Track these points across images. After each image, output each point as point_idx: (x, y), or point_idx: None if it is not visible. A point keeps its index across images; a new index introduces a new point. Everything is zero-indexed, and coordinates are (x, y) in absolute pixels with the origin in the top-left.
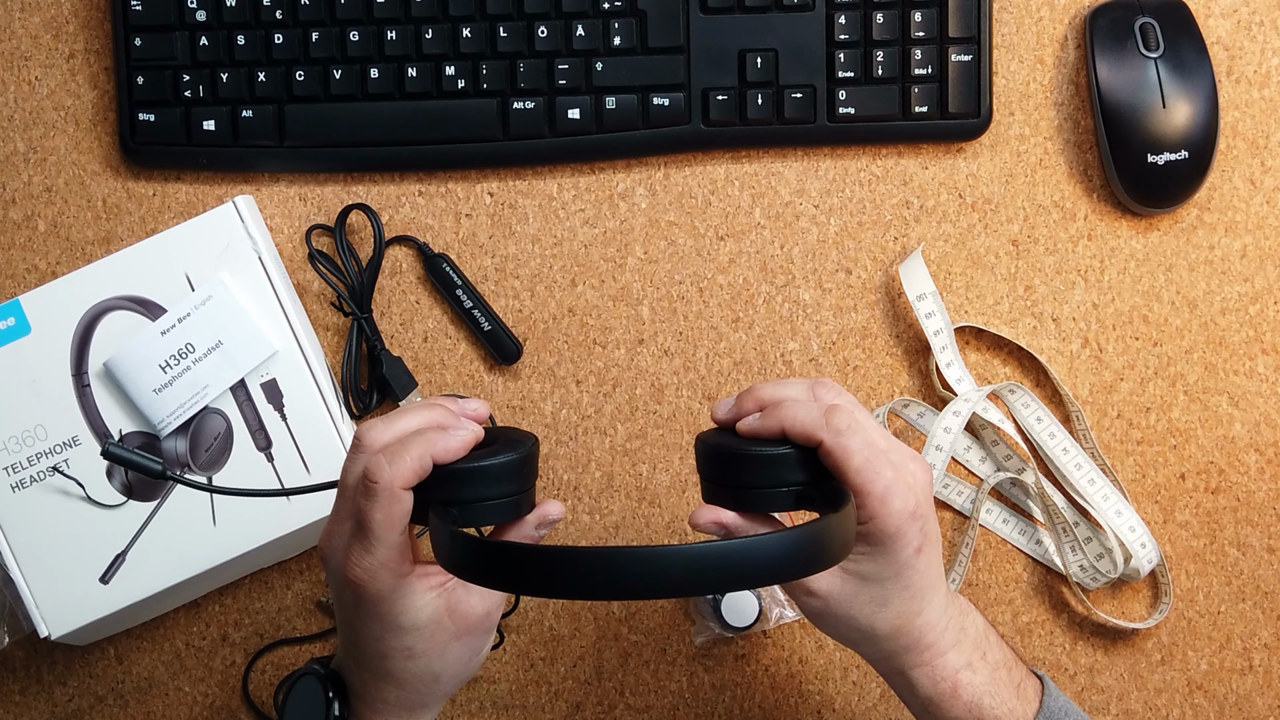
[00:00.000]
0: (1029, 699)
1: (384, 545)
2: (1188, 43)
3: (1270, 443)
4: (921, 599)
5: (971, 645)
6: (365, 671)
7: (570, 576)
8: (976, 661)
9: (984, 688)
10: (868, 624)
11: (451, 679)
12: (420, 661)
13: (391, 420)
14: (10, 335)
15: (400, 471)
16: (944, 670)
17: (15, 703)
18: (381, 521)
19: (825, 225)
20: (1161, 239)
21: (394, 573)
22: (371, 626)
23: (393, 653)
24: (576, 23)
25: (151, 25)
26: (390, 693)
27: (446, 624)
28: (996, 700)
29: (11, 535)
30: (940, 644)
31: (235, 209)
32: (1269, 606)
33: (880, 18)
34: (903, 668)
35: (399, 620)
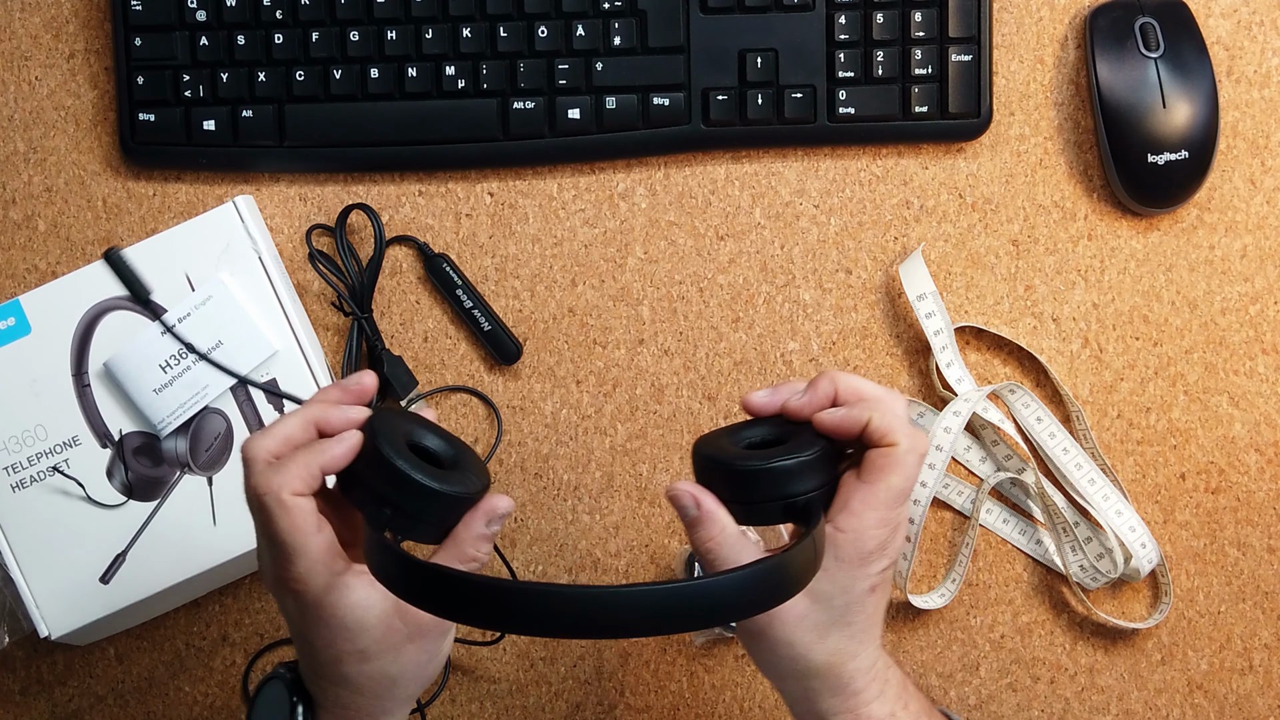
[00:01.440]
0: None
1: (302, 552)
2: (1188, 43)
3: (1270, 443)
4: (860, 642)
5: (894, 696)
6: (323, 679)
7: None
8: (899, 712)
9: None
10: (804, 654)
11: (410, 681)
12: (375, 664)
13: (272, 428)
14: (10, 335)
15: (287, 481)
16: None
17: (15, 703)
18: (289, 530)
19: (825, 225)
20: (1161, 239)
21: (327, 571)
22: (320, 632)
23: (346, 657)
24: (576, 23)
25: (151, 25)
26: (349, 698)
27: (398, 625)
28: None
29: (11, 535)
30: (867, 693)
31: (235, 209)
32: (1269, 606)
33: (880, 18)
34: (826, 712)
35: (344, 620)
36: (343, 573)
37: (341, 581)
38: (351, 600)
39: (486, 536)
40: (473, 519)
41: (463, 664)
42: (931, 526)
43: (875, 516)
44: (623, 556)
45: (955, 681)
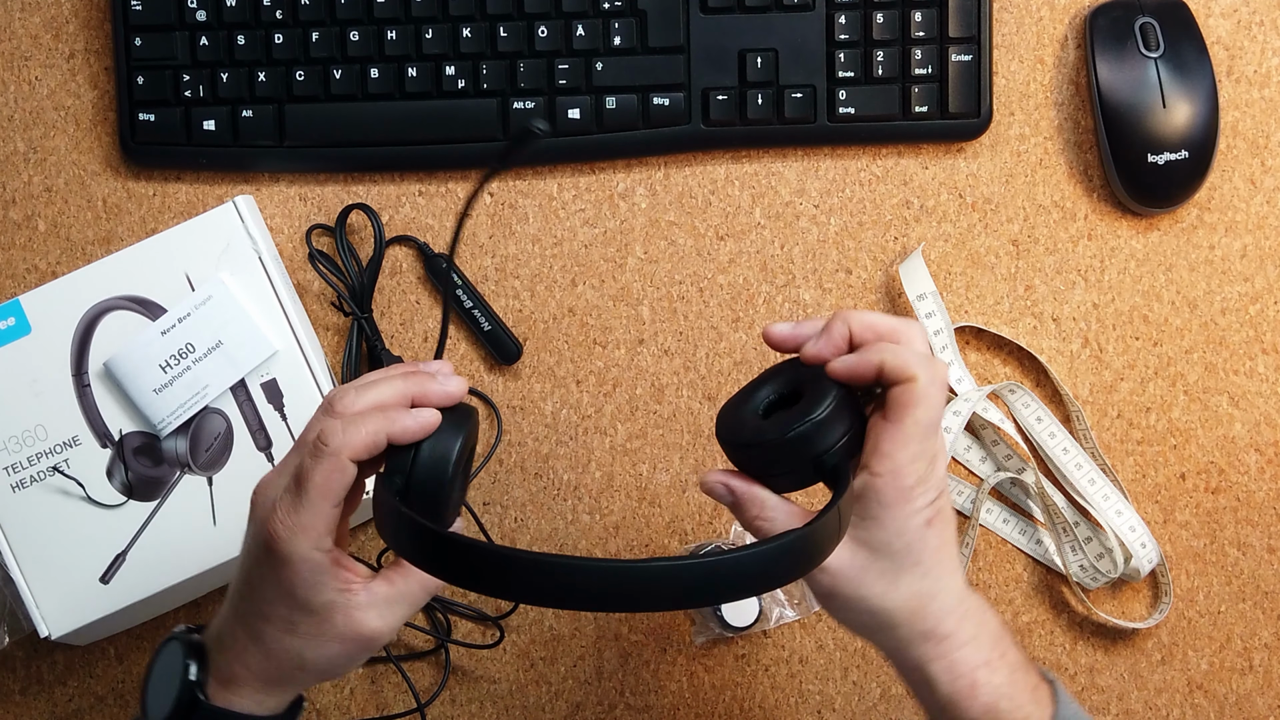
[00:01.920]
0: (1043, 704)
1: (314, 509)
2: (1188, 42)
3: (1270, 442)
4: (935, 580)
5: (990, 643)
6: (241, 627)
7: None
8: (995, 660)
9: (1002, 689)
10: (881, 605)
11: (314, 672)
12: (295, 641)
13: (364, 390)
14: (10, 335)
15: (352, 441)
16: (962, 666)
17: (15, 703)
18: (319, 485)
19: (825, 225)
20: (1161, 239)
21: (312, 543)
22: (268, 587)
23: (275, 619)
24: (576, 23)
25: (151, 25)
26: (254, 660)
27: (337, 623)
28: (1013, 704)
29: (11, 535)
30: (958, 635)
31: (235, 209)
32: (1269, 606)
33: (880, 18)
34: (920, 660)
35: (295, 591)
36: (325, 551)
37: (317, 559)
38: (313, 579)
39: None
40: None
41: (463, 664)
42: None
43: (907, 454)
44: (623, 556)
45: None
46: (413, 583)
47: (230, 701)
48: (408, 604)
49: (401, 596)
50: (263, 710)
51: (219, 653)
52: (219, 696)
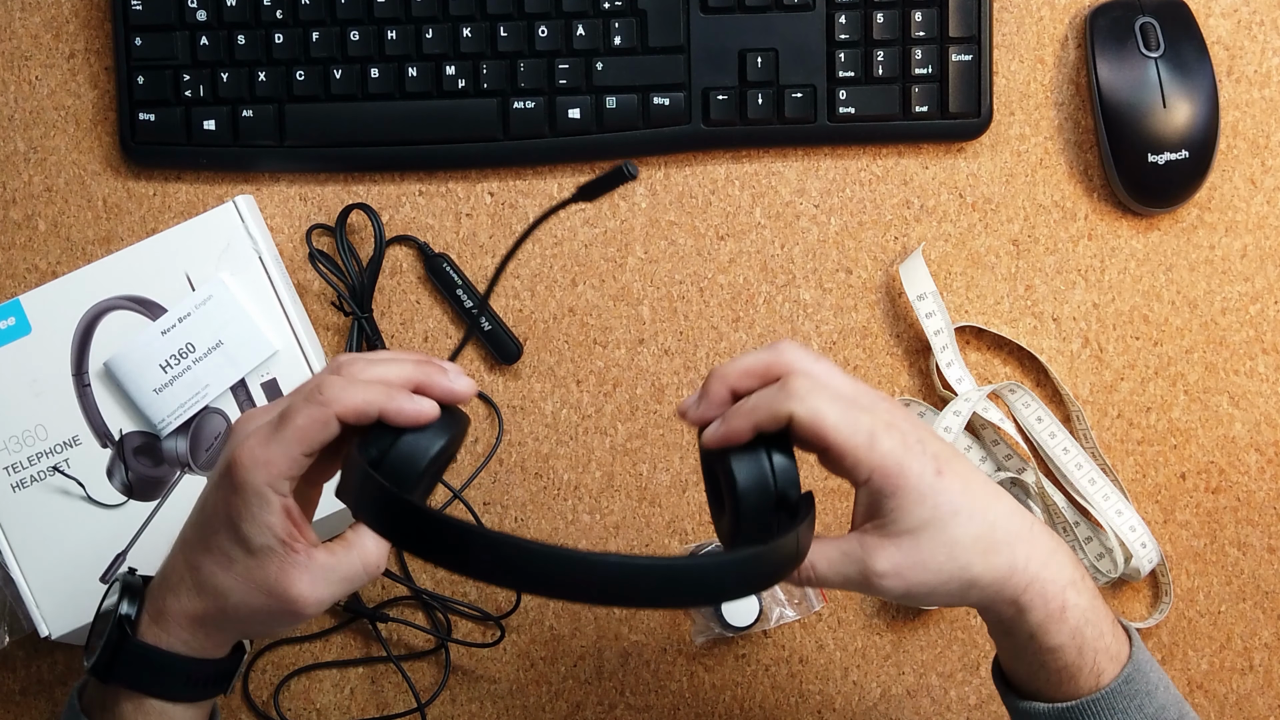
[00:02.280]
0: (1122, 640)
1: (283, 447)
2: (1188, 42)
3: (1270, 442)
4: (984, 513)
5: (1070, 560)
6: (181, 558)
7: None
8: (1079, 581)
9: (1087, 613)
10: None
11: (235, 620)
12: (226, 578)
13: (374, 361)
14: (10, 335)
15: (346, 399)
16: (1053, 587)
17: (15, 703)
18: (300, 426)
19: (825, 225)
20: (1162, 239)
21: (270, 479)
22: (215, 517)
23: (214, 550)
24: (577, 22)
25: (152, 25)
26: (185, 594)
27: (269, 573)
28: (1096, 631)
29: (11, 535)
30: (1037, 555)
31: (235, 209)
32: (1269, 606)
33: (880, 17)
34: (1015, 592)
35: (238, 523)
36: (280, 495)
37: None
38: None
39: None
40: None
41: (463, 664)
42: None
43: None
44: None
45: (955, 681)
46: (354, 559)
47: (158, 638)
48: (343, 580)
49: (339, 571)
50: (189, 650)
51: (157, 589)
52: (149, 633)
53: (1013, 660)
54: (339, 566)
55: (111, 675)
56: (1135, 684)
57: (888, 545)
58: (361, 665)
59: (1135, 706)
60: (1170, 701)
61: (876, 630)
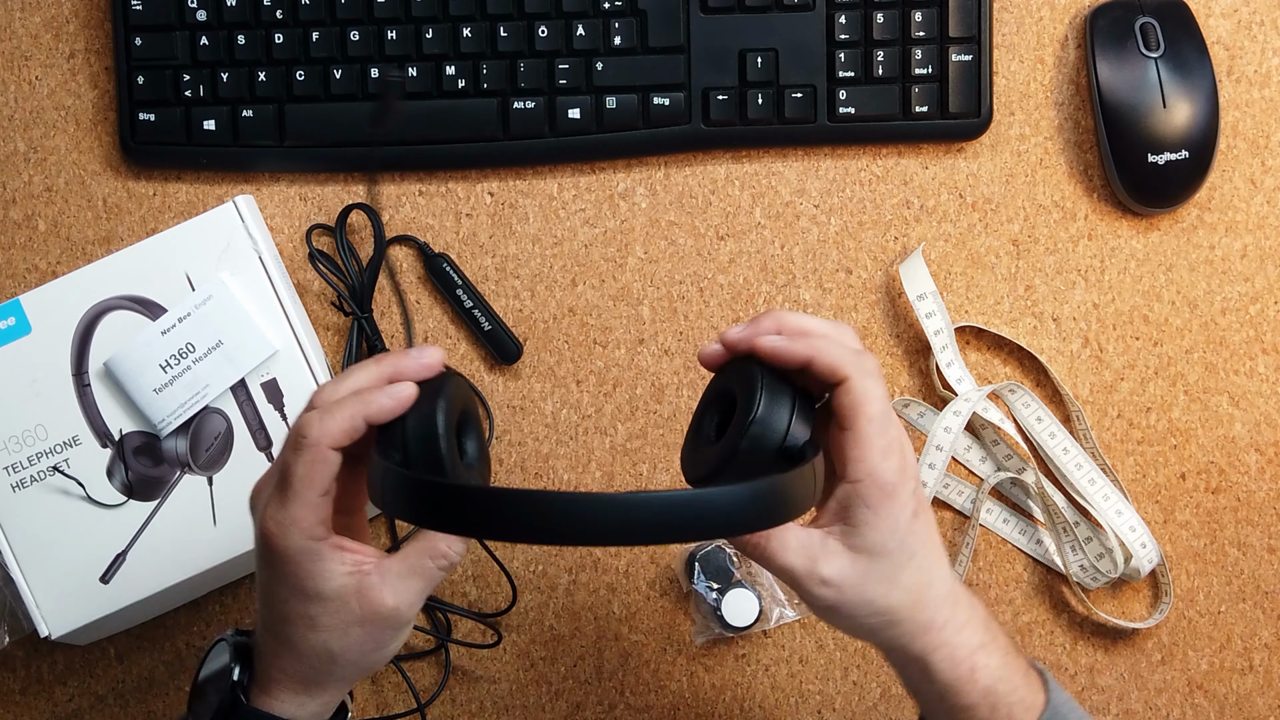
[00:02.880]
0: (1035, 689)
1: (300, 501)
2: (1188, 42)
3: (1270, 442)
4: (930, 570)
5: (983, 625)
6: (269, 634)
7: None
8: (990, 643)
9: (998, 672)
10: (885, 604)
11: (350, 665)
12: (320, 635)
13: (341, 380)
14: (10, 335)
15: (329, 430)
16: (961, 651)
17: (15, 703)
18: (302, 477)
19: (825, 225)
20: (1162, 239)
21: (306, 532)
22: (279, 587)
23: (295, 618)
24: (577, 22)
25: (151, 25)
26: (288, 661)
27: (353, 605)
28: (1009, 686)
29: (11, 535)
30: (954, 621)
31: (235, 209)
32: (1269, 606)
33: (880, 17)
34: (923, 651)
35: (303, 584)
36: (319, 539)
37: (315, 546)
38: (316, 567)
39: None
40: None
41: (463, 664)
42: None
43: (876, 452)
44: (622, 556)
45: None
46: (423, 554)
47: (271, 705)
48: (422, 578)
49: (414, 570)
50: (304, 714)
51: (259, 658)
52: (260, 700)
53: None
54: (412, 566)
55: None
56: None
57: (844, 556)
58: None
59: None
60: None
61: None
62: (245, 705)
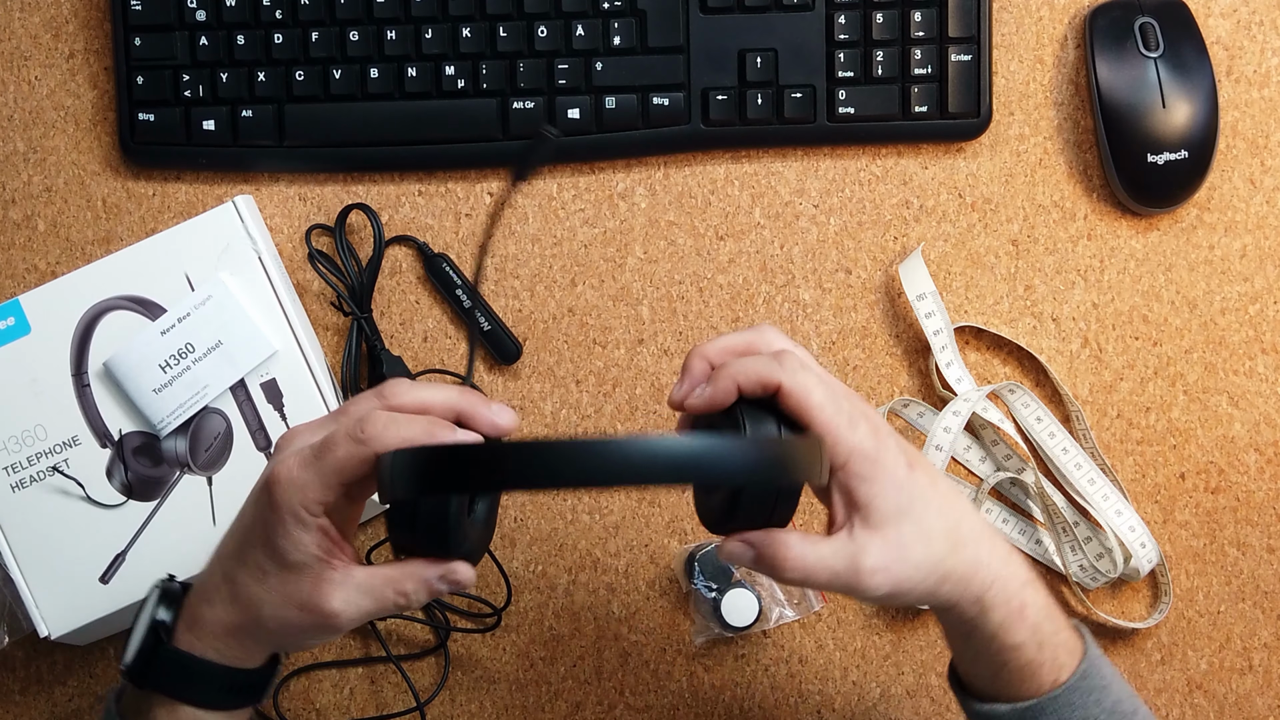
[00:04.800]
0: (1073, 632)
1: (321, 477)
2: (1188, 42)
3: (1270, 442)
4: (952, 509)
5: (1024, 560)
6: (218, 567)
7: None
8: (1035, 580)
9: (1044, 610)
10: (931, 559)
11: (267, 632)
12: (259, 590)
13: (421, 390)
14: (10, 335)
15: (387, 439)
16: (1013, 584)
17: (15, 703)
18: (339, 460)
19: (825, 225)
20: (1161, 239)
21: (307, 503)
22: (254, 528)
23: (250, 563)
24: (576, 23)
25: (151, 25)
26: (219, 603)
27: (304, 588)
28: (1054, 626)
29: (11, 535)
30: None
31: (235, 209)
32: (1269, 606)
33: (880, 18)
34: (980, 589)
35: (275, 540)
36: (315, 515)
37: (304, 516)
38: (294, 533)
39: (429, 588)
40: (432, 564)
41: (463, 663)
42: None
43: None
44: (622, 556)
45: None
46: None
47: (192, 645)
48: (377, 602)
49: (373, 591)
50: (223, 659)
51: (194, 598)
52: (183, 640)
53: (972, 663)
54: (375, 585)
55: (146, 680)
56: (1092, 678)
57: (875, 539)
58: (360, 665)
59: (1093, 701)
60: (1125, 695)
61: (876, 630)
62: (166, 644)
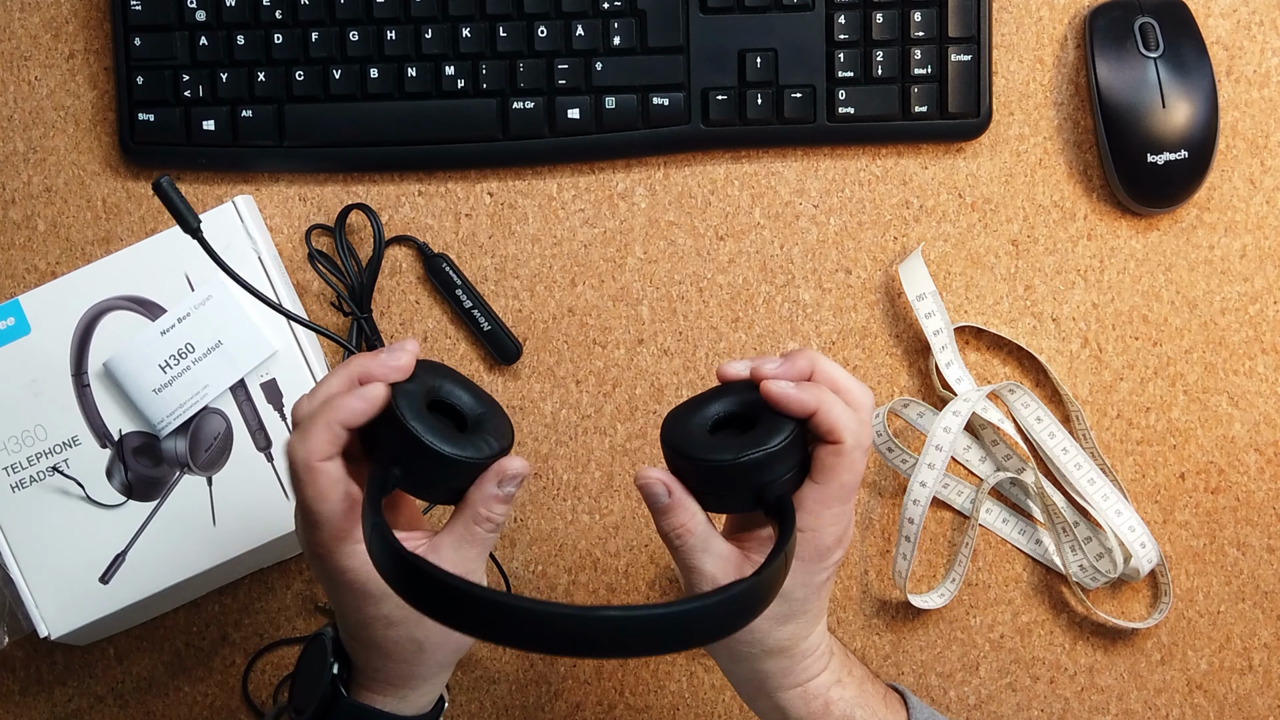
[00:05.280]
0: (895, 708)
1: (325, 518)
2: (1187, 42)
3: (1270, 442)
4: (814, 624)
5: (839, 663)
6: (355, 642)
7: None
8: (845, 677)
9: (854, 701)
10: (761, 641)
11: (438, 648)
12: (400, 630)
13: (314, 390)
14: (10, 335)
15: (311, 447)
16: (816, 689)
17: (15, 703)
18: (313, 497)
19: (825, 225)
20: (1161, 239)
21: (343, 537)
22: (346, 596)
23: (371, 621)
24: (576, 23)
25: (151, 25)
26: (379, 662)
27: None
28: (867, 711)
29: (11, 535)
30: (814, 666)
31: (235, 209)
32: (1269, 606)
33: (880, 18)
34: (775, 689)
35: (366, 587)
36: (358, 540)
37: (355, 549)
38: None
39: (499, 498)
40: (484, 481)
41: (462, 663)
42: (931, 526)
43: (830, 514)
44: (622, 556)
45: (955, 681)
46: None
47: (373, 700)
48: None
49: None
50: (406, 708)
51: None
52: (362, 694)
53: None
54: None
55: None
56: None
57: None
58: None
59: None
60: None
61: (876, 630)
62: (345, 697)
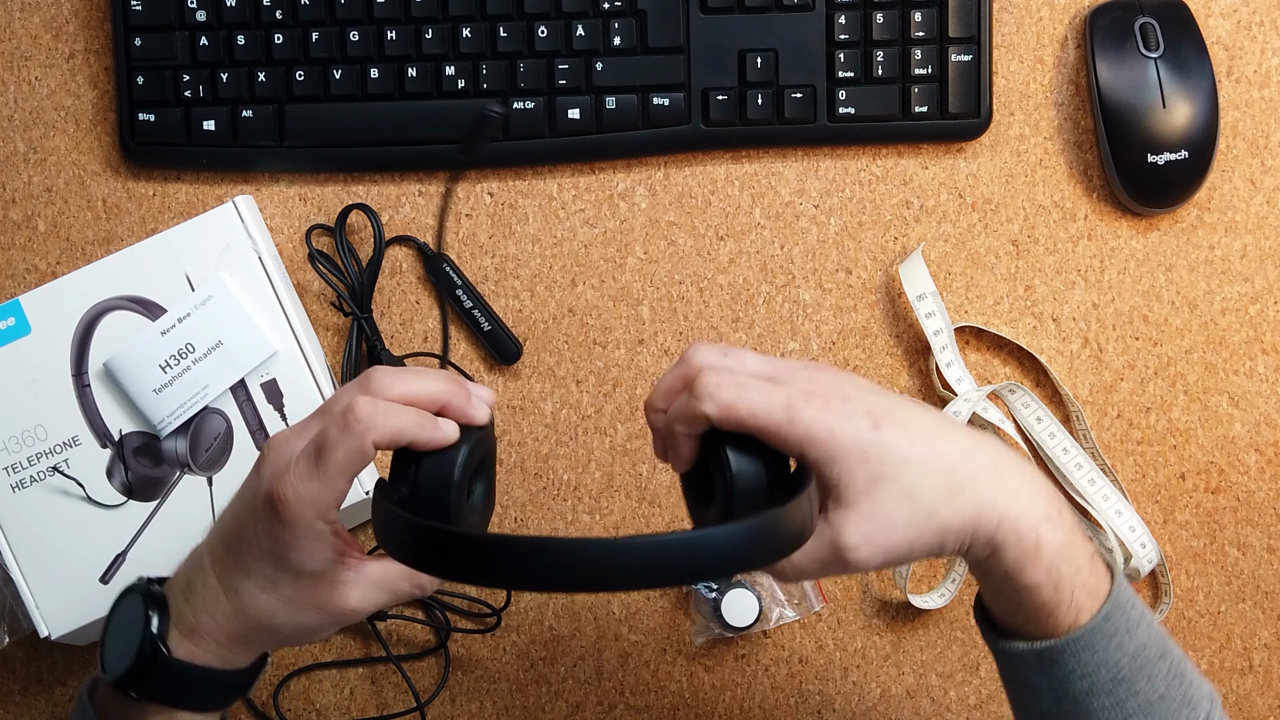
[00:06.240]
0: (1101, 576)
1: (328, 482)
2: (1188, 42)
3: (1270, 443)
4: (935, 458)
5: (1044, 494)
6: (216, 578)
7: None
8: (1055, 515)
9: (1063, 549)
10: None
11: (283, 638)
12: (270, 601)
13: (405, 377)
14: (10, 335)
15: (381, 426)
16: (1026, 523)
17: (15, 703)
18: (341, 460)
19: (825, 225)
20: (1161, 239)
21: (320, 514)
22: (258, 543)
23: (258, 575)
24: (576, 23)
25: (151, 25)
26: (222, 613)
27: (320, 592)
28: (1073, 567)
29: (11, 535)
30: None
31: (235, 209)
32: (1269, 606)
33: (880, 18)
34: (988, 534)
35: (288, 554)
36: (329, 525)
37: (319, 528)
38: (310, 545)
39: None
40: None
41: (463, 664)
42: None
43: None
44: None
45: (955, 681)
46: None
47: (192, 654)
48: (391, 593)
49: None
50: (224, 664)
51: (184, 602)
52: (180, 648)
53: (992, 598)
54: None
55: (143, 690)
56: (1114, 621)
57: (850, 515)
58: (361, 665)
59: (1115, 645)
60: (1152, 640)
61: (876, 630)
62: (166, 655)
